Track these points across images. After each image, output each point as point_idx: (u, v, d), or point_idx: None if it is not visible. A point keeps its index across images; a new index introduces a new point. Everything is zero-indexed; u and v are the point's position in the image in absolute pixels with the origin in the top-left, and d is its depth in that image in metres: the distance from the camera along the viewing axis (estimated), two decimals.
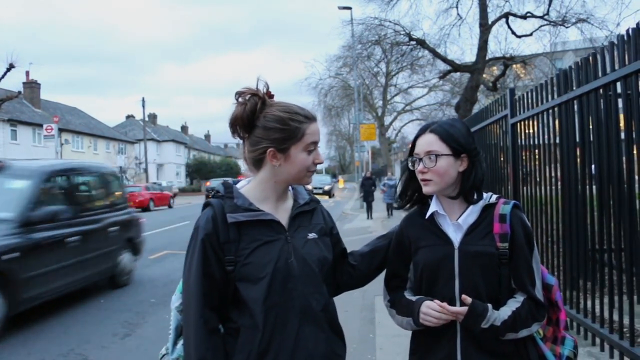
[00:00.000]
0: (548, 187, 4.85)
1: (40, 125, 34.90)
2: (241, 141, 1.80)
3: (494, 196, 1.85)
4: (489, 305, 1.69)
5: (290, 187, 1.84)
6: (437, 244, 1.81)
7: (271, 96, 1.73)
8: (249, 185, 1.80)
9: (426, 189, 1.81)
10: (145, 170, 46.23)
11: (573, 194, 4.24)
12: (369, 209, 20.01)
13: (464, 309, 1.68)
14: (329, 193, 38.49)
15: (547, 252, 4.84)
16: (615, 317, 3.52)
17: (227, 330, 1.71)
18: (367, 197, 20.09)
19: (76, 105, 53.84)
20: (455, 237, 1.79)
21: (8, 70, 21.57)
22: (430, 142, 1.79)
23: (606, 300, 3.70)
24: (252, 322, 1.65)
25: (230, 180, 1.87)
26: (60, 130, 26.30)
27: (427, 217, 1.85)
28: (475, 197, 1.83)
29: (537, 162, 5.25)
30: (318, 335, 1.70)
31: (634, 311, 3.33)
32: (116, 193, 8.69)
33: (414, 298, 1.83)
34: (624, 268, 3.41)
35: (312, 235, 1.77)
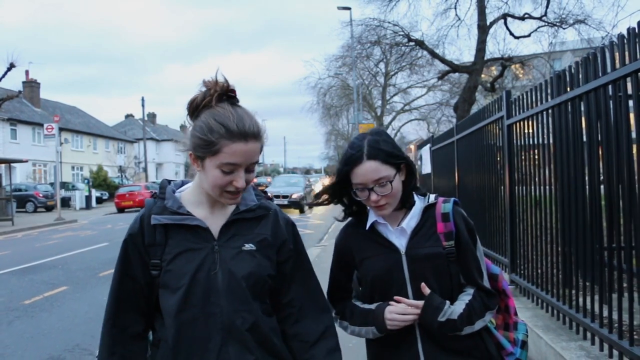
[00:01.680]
0: (543, 187, 4.97)
1: (40, 125, 34.97)
2: None
3: (432, 196, 1.85)
4: (446, 301, 1.72)
5: None
6: (382, 252, 1.78)
7: (231, 94, 1.55)
8: (188, 187, 1.69)
9: (382, 212, 1.77)
10: (145, 170, 46.29)
11: (567, 193, 4.36)
12: None
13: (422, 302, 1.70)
14: (299, 205, 24.41)
15: (544, 251, 4.96)
16: (605, 312, 3.66)
17: (153, 341, 1.63)
18: None
19: (79, 104, 53.79)
20: (400, 243, 1.78)
21: (9, 69, 21.63)
22: (375, 169, 1.71)
23: (596, 297, 3.83)
24: (166, 335, 1.56)
25: (168, 179, 1.75)
26: (60, 129, 26.37)
27: (367, 227, 1.82)
28: (414, 198, 1.83)
29: (532, 163, 5.37)
30: (245, 357, 1.54)
31: (622, 305, 3.46)
32: None
33: (372, 306, 1.80)
34: (616, 266, 3.53)
35: (248, 247, 1.59)
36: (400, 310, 1.71)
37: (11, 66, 21.54)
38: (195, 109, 1.53)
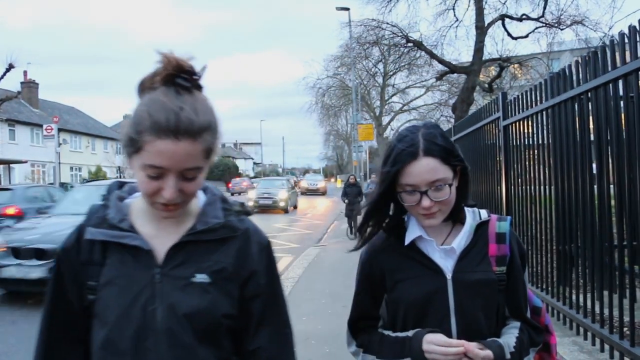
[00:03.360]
0: (539, 186, 5.08)
1: (39, 125, 35.05)
2: (238, 141, 1.40)
3: (483, 211, 1.58)
4: (501, 341, 1.44)
5: (200, 202, 1.32)
6: (423, 274, 1.49)
7: (184, 79, 1.16)
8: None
9: (431, 222, 1.47)
10: None
11: (562, 193, 4.46)
12: (355, 222, 13.83)
13: (480, 351, 1.38)
14: (282, 206, 24.50)
15: (541, 250, 5.07)
16: (597, 309, 3.77)
17: None
18: (352, 212, 14.41)
19: (78, 105, 53.92)
20: (446, 264, 1.49)
21: (7, 70, 21.71)
22: (433, 169, 1.42)
23: (594, 294, 3.94)
24: None
25: (124, 180, 1.43)
26: (59, 130, 26.53)
27: (406, 243, 1.52)
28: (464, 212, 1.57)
29: (528, 162, 5.48)
30: None
31: (612, 301, 3.57)
32: None
33: (410, 333, 1.48)
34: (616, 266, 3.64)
35: (199, 278, 1.23)
36: (442, 342, 1.40)
37: (10, 67, 21.62)
38: (140, 91, 1.20)
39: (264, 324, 1.32)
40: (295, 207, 27.40)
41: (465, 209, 1.57)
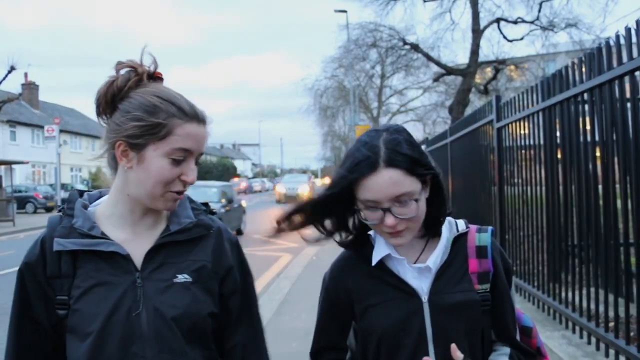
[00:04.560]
0: (532, 187, 5.26)
1: (39, 126, 35.27)
2: (237, 142, 1.42)
3: (460, 222, 1.39)
4: None
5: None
6: (395, 297, 1.31)
7: (157, 77, 1.28)
8: (105, 198, 1.33)
9: (398, 242, 1.29)
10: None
11: (555, 193, 4.65)
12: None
13: None
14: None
15: (534, 249, 5.26)
16: (585, 304, 3.97)
17: None
18: None
19: (78, 106, 54.04)
20: (420, 285, 1.31)
21: (9, 72, 21.85)
22: (396, 182, 1.23)
23: (582, 291, 4.14)
24: None
25: (81, 189, 1.38)
26: (59, 131, 26.70)
27: (374, 263, 1.34)
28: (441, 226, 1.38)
29: (522, 163, 5.66)
30: None
31: (598, 297, 3.76)
32: None
33: None
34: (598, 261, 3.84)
35: (181, 278, 1.24)
36: None
37: (12, 69, 21.76)
38: (116, 93, 1.22)
39: (241, 321, 1.34)
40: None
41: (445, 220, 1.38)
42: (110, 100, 1.23)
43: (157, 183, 1.20)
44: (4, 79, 21.85)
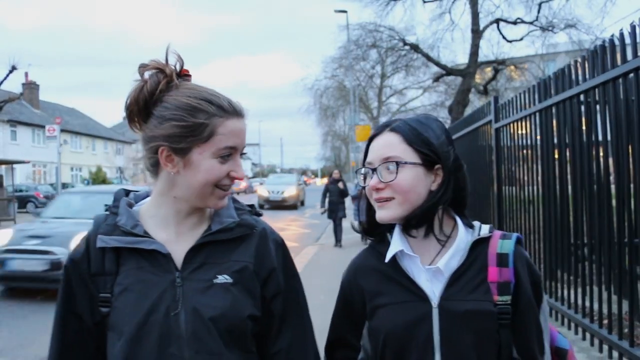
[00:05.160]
0: (529, 187, 5.34)
1: (39, 126, 35.36)
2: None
3: (485, 227, 1.32)
4: None
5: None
6: (405, 300, 1.26)
7: (186, 75, 1.26)
8: (149, 200, 1.33)
9: (382, 214, 1.27)
10: (143, 171, 46.46)
11: (552, 192, 4.73)
12: (338, 231, 12.45)
13: None
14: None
15: (530, 247, 5.34)
16: (580, 301, 4.05)
17: None
18: (335, 212, 12.43)
19: (79, 106, 54.19)
20: (432, 289, 1.25)
21: (10, 72, 21.88)
22: (389, 143, 1.26)
23: (577, 289, 4.22)
24: None
25: (128, 188, 1.38)
26: (60, 130, 26.82)
27: (387, 259, 1.30)
28: (457, 223, 1.32)
29: (519, 163, 5.74)
30: None
31: (592, 294, 3.84)
32: None
33: None
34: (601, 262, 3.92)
35: (221, 279, 1.22)
36: None
37: (13, 69, 21.79)
38: (149, 99, 1.20)
39: (285, 325, 1.30)
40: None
41: (460, 223, 1.32)
42: (143, 106, 1.20)
43: (207, 183, 1.19)
44: (5, 79, 21.88)
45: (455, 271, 1.25)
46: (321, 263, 10.21)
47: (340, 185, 12.78)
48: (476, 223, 1.33)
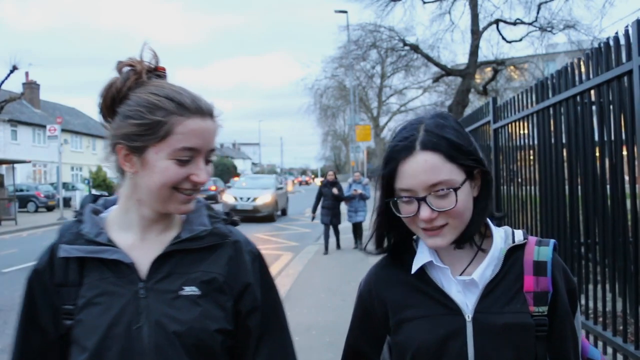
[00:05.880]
0: (527, 187, 5.40)
1: (40, 126, 35.45)
2: (237, 142, 1.29)
3: (518, 232, 1.23)
4: None
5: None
6: (435, 313, 1.17)
7: (159, 73, 1.20)
8: (116, 205, 1.26)
9: (436, 242, 1.15)
10: None
11: (550, 192, 4.79)
12: (336, 234, 11.83)
13: None
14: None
15: None
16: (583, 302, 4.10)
17: None
18: (329, 217, 11.51)
19: (81, 106, 54.26)
20: (465, 301, 1.16)
21: (11, 72, 21.94)
22: (432, 167, 1.11)
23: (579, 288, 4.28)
24: None
25: (97, 193, 1.24)
26: (60, 130, 26.94)
27: (413, 271, 1.20)
28: (491, 231, 1.23)
29: (517, 163, 5.81)
30: None
31: (588, 291, 3.90)
32: None
33: None
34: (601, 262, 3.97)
35: (188, 290, 1.15)
36: None
37: (14, 69, 21.85)
38: (115, 96, 1.15)
39: (264, 341, 1.22)
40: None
41: (493, 228, 1.23)
42: (109, 103, 1.16)
43: (162, 187, 1.12)
44: (5, 78, 21.94)
45: (490, 281, 1.16)
46: (321, 262, 10.26)
47: (335, 190, 11.64)
48: (507, 228, 1.24)
